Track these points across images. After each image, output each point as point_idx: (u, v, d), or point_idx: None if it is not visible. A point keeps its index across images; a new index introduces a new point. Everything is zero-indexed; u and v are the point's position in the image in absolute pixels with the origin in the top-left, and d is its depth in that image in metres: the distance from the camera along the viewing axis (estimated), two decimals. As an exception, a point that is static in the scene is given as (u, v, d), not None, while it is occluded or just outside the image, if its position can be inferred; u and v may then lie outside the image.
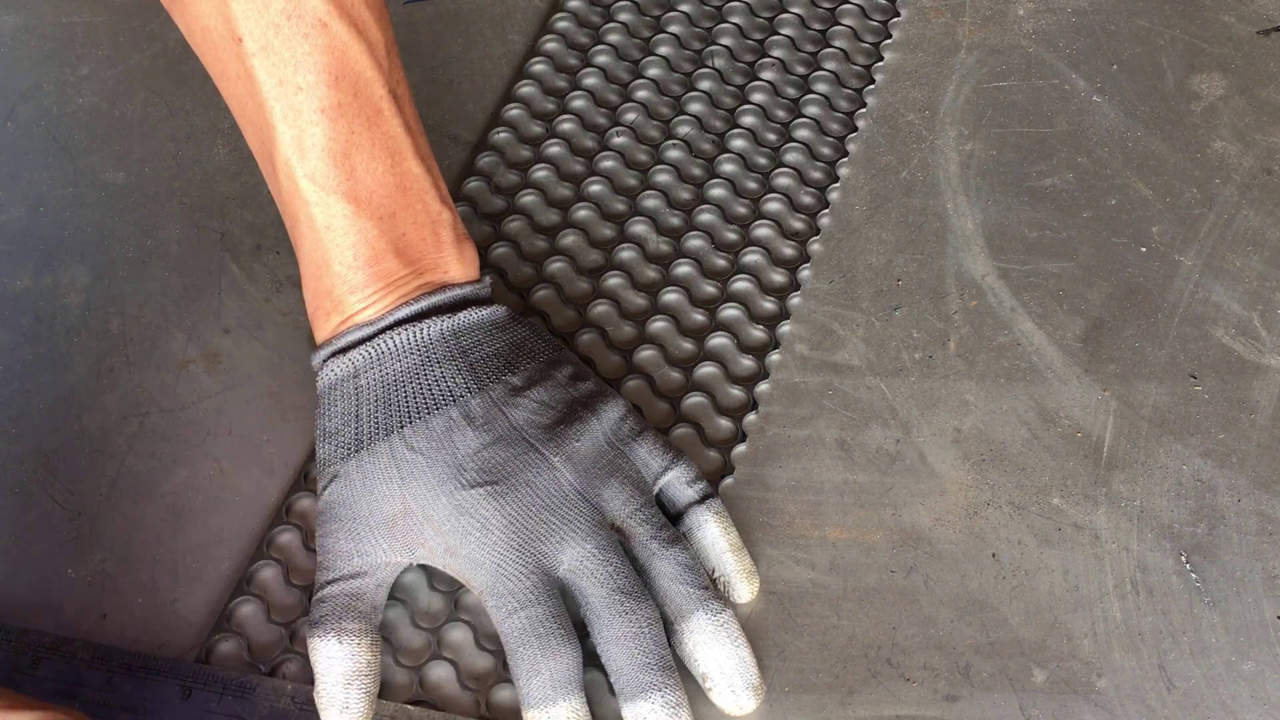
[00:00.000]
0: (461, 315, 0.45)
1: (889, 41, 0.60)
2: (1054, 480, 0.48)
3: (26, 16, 0.61)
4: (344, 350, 0.44)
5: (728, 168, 0.55)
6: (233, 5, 0.41)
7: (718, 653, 0.42)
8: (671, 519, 0.45)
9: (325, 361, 0.45)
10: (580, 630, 0.43)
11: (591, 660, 0.43)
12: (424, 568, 0.45)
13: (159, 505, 0.47)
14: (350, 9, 0.42)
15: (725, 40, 0.60)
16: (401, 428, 0.43)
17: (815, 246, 0.54)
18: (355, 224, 0.43)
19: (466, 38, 0.60)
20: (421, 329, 0.44)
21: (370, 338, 0.44)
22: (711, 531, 0.45)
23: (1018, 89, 0.59)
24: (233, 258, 0.54)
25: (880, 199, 0.55)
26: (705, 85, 0.58)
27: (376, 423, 0.43)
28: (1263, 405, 0.49)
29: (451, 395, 0.44)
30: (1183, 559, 0.46)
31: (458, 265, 0.46)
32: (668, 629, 0.43)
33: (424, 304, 0.44)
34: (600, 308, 0.52)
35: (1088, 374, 0.50)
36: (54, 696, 0.43)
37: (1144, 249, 0.53)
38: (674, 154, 0.56)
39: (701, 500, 0.45)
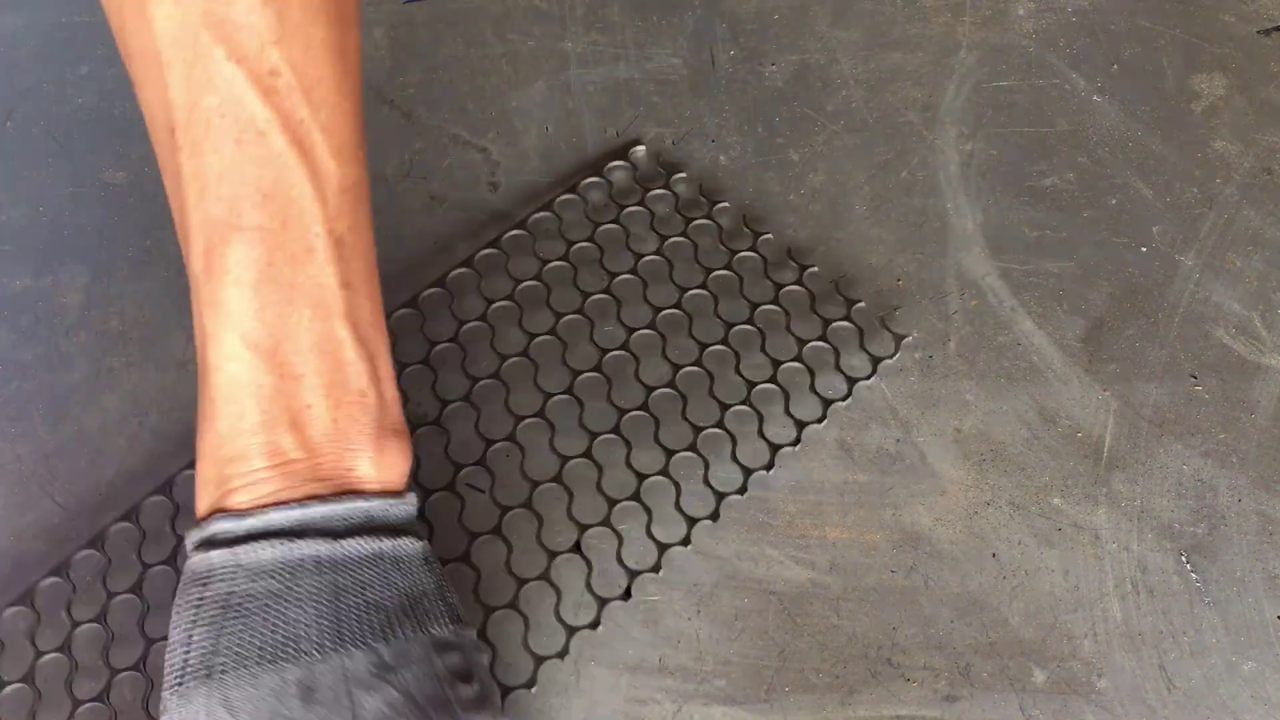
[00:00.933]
0: (349, 544, 0.36)
1: (889, 41, 0.60)
2: (1054, 480, 0.48)
3: (26, 16, 0.61)
4: (206, 544, 0.36)
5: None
6: (171, 90, 0.34)
7: None
8: None
9: (190, 552, 0.37)
10: None
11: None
12: None
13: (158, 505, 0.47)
14: (298, 127, 0.35)
15: None
16: (223, 673, 0.34)
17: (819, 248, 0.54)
18: (251, 376, 0.35)
19: (466, 38, 0.60)
20: (292, 549, 0.35)
21: (232, 542, 0.36)
22: None
23: (1018, 89, 0.59)
24: (232, 258, 0.54)
25: (880, 199, 0.55)
26: None
27: (203, 653, 0.35)
28: (1263, 405, 0.49)
29: (298, 649, 0.35)
30: (1183, 559, 0.46)
31: (371, 467, 0.37)
32: None
33: (309, 513, 0.36)
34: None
35: (1088, 374, 0.50)
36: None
37: (1144, 249, 0.53)
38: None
39: None
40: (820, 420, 0.48)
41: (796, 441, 0.48)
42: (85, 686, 0.43)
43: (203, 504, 0.37)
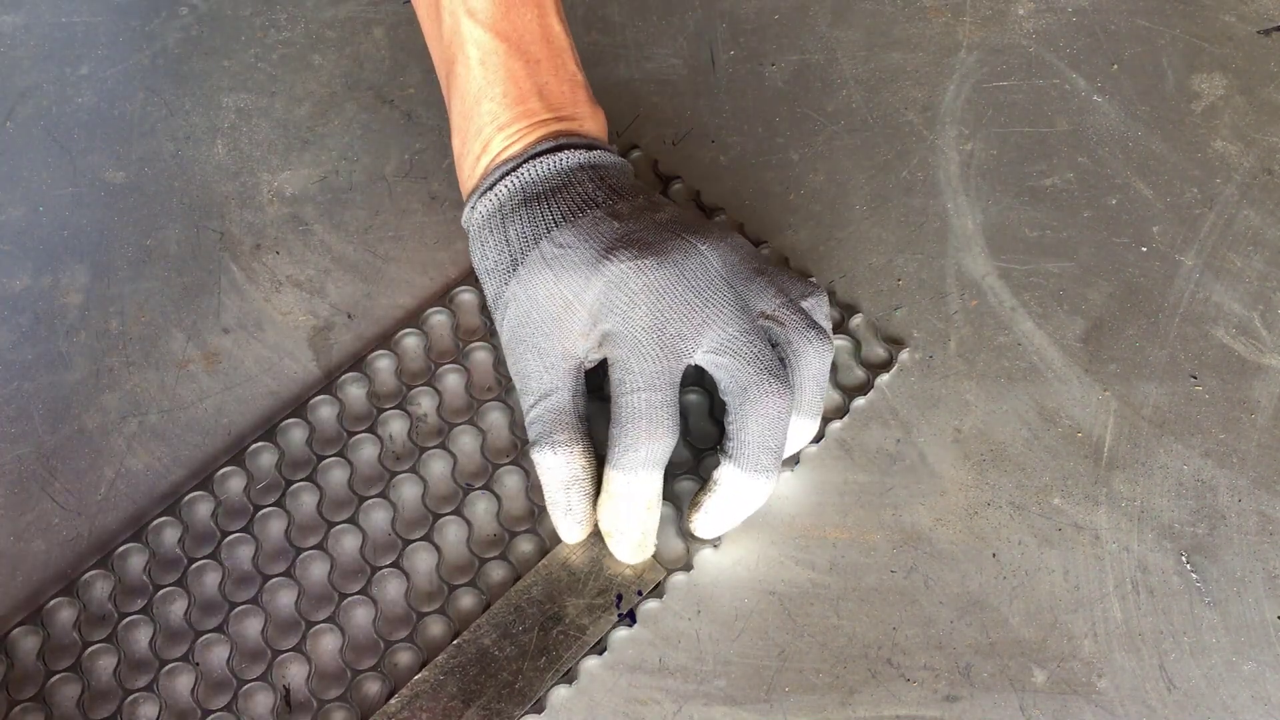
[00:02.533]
0: (597, 153, 0.47)
1: (889, 41, 0.60)
2: (1054, 480, 0.48)
3: (26, 16, 0.61)
4: (491, 188, 0.47)
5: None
6: None
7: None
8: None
9: (474, 204, 0.47)
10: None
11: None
12: None
13: (158, 505, 0.47)
14: None
15: None
16: (549, 231, 0.45)
17: (820, 248, 0.54)
18: (506, 62, 0.46)
19: (466, 37, 0.60)
20: (561, 158, 0.46)
21: (513, 170, 0.46)
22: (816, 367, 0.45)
23: (1018, 89, 0.59)
24: (232, 258, 0.54)
25: (880, 199, 0.55)
26: None
27: (525, 237, 0.45)
28: (1263, 405, 0.49)
29: (595, 201, 0.46)
30: (1183, 559, 0.46)
31: (592, 122, 0.48)
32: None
33: (563, 140, 0.47)
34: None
35: (1088, 374, 0.50)
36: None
37: (1144, 249, 0.53)
38: None
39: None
40: (818, 440, 0.48)
41: (795, 463, 0.48)
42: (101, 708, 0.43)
43: (475, 177, 0.47)
